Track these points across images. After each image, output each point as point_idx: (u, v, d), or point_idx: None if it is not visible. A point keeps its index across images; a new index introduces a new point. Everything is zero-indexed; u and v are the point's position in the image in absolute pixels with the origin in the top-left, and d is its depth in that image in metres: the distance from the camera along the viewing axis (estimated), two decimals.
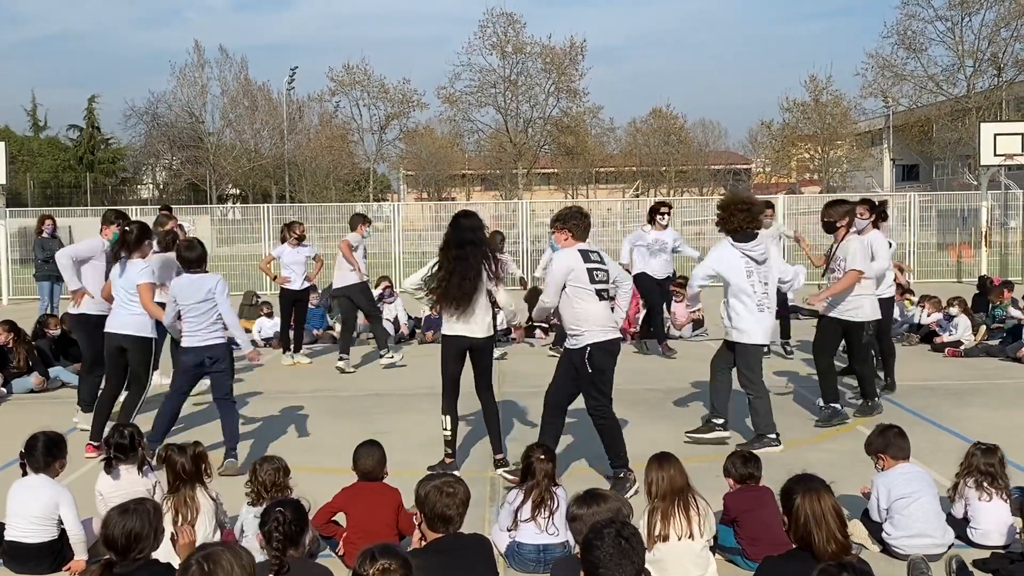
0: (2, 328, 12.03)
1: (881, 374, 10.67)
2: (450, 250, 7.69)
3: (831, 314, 9.36)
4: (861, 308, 9.32)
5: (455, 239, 7.69)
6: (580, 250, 7.33)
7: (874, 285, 9.67)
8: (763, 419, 8.44)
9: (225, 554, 3.56)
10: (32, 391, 11.65)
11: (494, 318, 8.25)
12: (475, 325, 7.71)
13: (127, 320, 8.59)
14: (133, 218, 9.67)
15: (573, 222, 7.37)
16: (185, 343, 8.06)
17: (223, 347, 8.13)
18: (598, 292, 7.28)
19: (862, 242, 9.45)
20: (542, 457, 6.04)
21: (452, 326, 7.75)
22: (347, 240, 13.35)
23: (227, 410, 8.10)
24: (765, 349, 9.42)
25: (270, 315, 15.51)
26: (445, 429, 7.89)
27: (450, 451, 7.93)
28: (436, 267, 7.76)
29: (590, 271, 7.25)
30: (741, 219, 8.46)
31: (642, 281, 13.57)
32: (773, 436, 8.37)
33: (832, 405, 9.34)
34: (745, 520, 5.80)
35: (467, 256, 7.62)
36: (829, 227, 9.57)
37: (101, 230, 9.73)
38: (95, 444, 8.42)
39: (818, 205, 17.88)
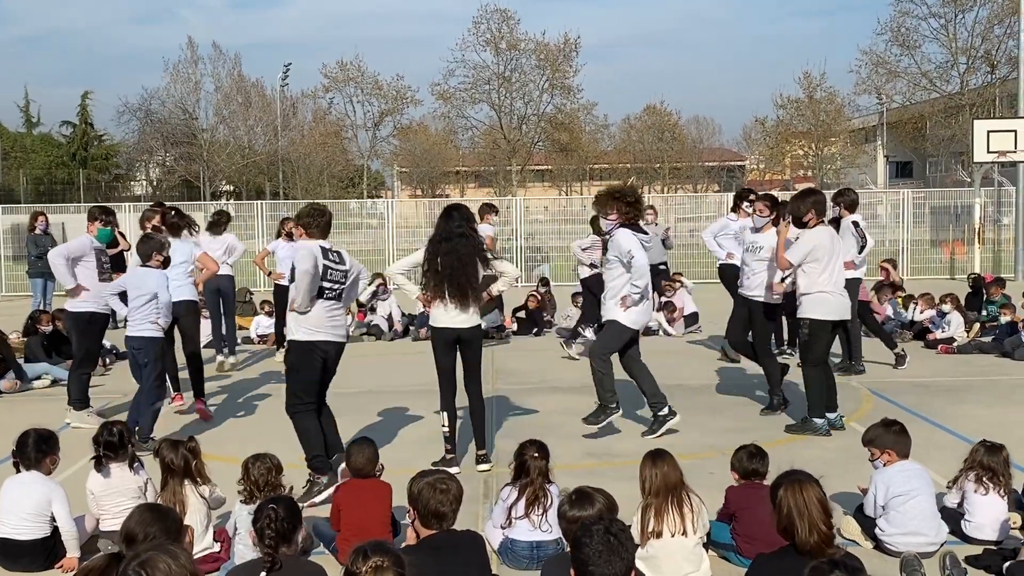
0: None
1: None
2: (440, 243, 7.72)
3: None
4: (801, 304, 8.99)
5: (445, 232, 7.73)
6: (320, 246, 7.37)
7: (819, 283, 8.84)
8: (605, 391, 8.76)
9: (162, 558, 3.46)
10: (1, 392, 11.57)
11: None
12: (462, 316, 7.75)
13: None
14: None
15: (307, 219, 7.48)
16: (127, 332, 8.93)
17: (150, 340, 8.79)
18: (323, 289, 7.33)
19: (813, 234, 8.91)
20: (536, 455, 6.03)
21: (439, 318, 7.81)
22: (489, 235, 13.07)
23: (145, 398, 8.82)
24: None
25: (270, 313, 15.45)
26: (444, 425, 7.89)
27: (450, 447, 7.92)
28: (425, 261, 7.81)
29: (326, 267, 7.34)
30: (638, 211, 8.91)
31: (727, 273, 12.66)
32: (614, 405, 8.77)
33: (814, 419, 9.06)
34: (743, 517, 5.77)
35: (457, 249, 7.68)
36: (798, 223, 9.45)
37: (87, 227, 9.88)
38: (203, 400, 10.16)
39: None
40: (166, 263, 9.23)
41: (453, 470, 7.64)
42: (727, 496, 5.98)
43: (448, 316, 7.77)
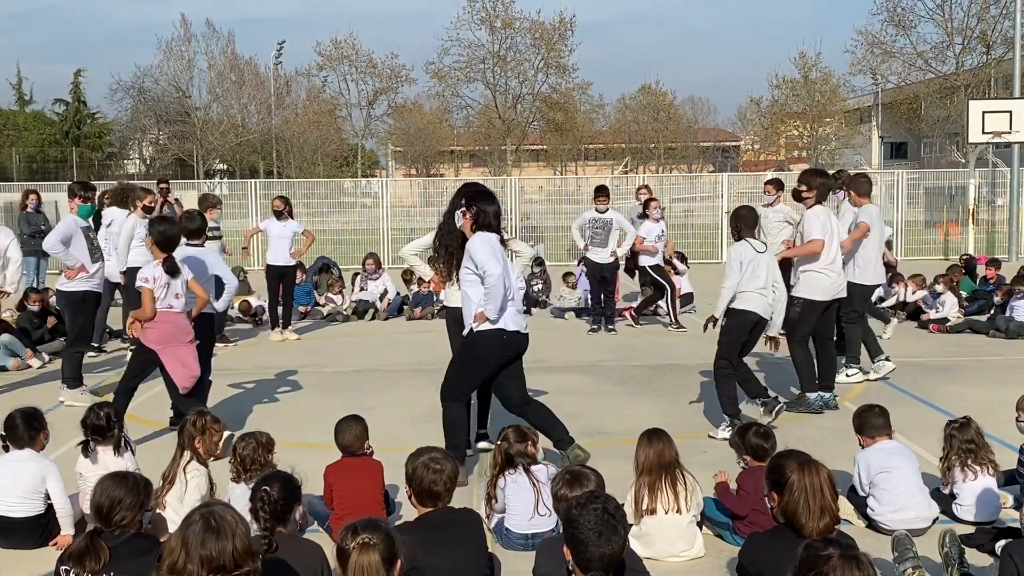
0: None
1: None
2: (449, 222, 7.65)
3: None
4: (797, 280, 9.14)
5: (453, 211, 7.66)
6: None
7: (818, 261, 9.01)
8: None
9: (230, 509, 3.62)
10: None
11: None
12: None
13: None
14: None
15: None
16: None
17: (206, 316, 8.51)
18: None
19: (815, 214, 9.03)
20: (501, 442, 6.05)
21: (452, 298, 7.73)
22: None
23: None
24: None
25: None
26: None
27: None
28: (436, 238, 7.73)
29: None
30: None
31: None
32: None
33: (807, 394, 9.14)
34: (750, 503, 5.68)
35: (461, 230, 7.57)
36: (796, 195, 9.52)
37: (68, 205, 9.95)
38: None
39: None
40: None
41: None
42: (742, 484, 5.77)
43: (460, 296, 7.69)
